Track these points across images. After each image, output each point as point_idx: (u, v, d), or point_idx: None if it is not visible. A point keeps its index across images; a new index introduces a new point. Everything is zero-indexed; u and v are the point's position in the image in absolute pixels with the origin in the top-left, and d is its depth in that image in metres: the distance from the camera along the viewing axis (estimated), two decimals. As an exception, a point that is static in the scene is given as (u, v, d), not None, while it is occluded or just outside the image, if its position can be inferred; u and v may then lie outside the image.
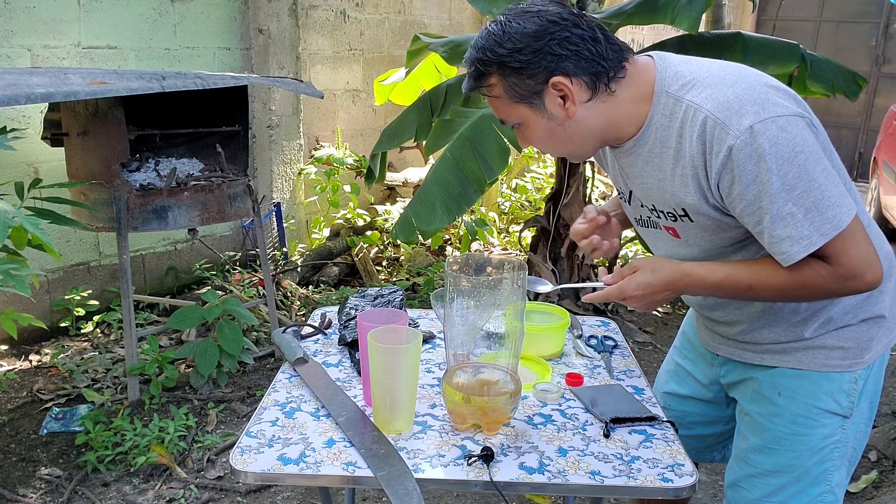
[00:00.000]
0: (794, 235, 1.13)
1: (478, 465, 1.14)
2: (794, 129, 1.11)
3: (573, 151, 1.31)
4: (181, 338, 3.39)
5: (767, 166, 1.10)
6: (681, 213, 1.26)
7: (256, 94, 4.16)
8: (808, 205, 1.11)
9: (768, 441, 1.36)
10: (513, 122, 1.27)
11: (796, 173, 1.10)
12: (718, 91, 1.15)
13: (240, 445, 1.20)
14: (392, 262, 4.67)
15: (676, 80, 1.20)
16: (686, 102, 1.18)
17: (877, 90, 8.30)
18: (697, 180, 1.19)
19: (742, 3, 8.55)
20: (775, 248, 1.15)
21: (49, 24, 3.28)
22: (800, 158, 1.10)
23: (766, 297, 1.25)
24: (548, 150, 1.31)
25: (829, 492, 1.35)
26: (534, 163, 5.92)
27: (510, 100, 1.23)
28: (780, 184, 1.10)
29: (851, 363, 1.31)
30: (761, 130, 1.10)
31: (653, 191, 1.29)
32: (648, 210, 1.34)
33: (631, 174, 1.32)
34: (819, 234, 1.12)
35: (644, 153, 1.26)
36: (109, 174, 2.71)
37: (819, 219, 1.11)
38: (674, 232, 1.32)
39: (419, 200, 2.91)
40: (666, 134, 1.21)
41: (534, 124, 1.25)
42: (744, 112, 1.11)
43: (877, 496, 2.43)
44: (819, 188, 1.11)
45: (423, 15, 5.54)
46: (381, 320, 1.35)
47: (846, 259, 1.15)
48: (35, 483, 2.38)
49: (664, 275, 1.27)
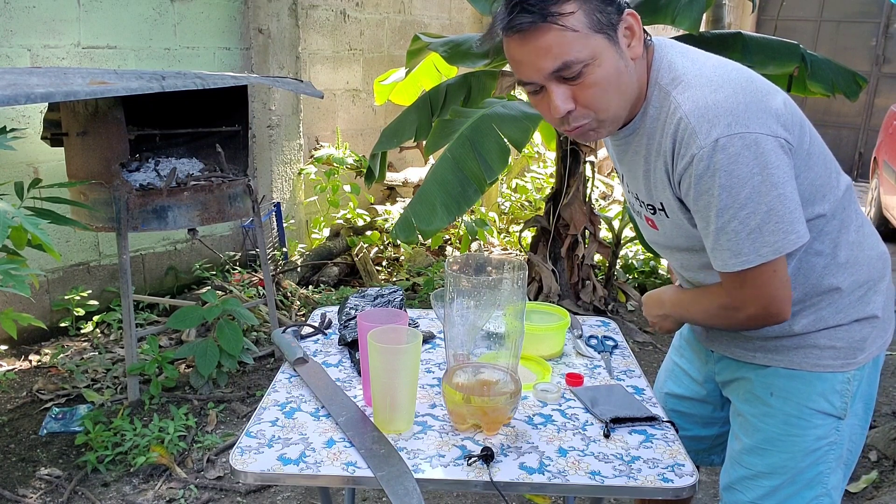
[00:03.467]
0: (733, 249, 1.14)
1: (478, 465, 1.14)
2: (759, 149, 1.09)
3: (618, 111, 1.19)
4: (181, 338, 3.39)
5: (719, 182, 1.10)
6: (659, 207, 1.27)
7: (256, 94, 4.16)
8: (752, 226, 1.12)
9: (761, 442, 1.35)
10: (583, 59, 1.11)
11: (748, 194, 1.10)
12: (700, 94, 1.13)
13: (240, 445, 1.20)
14: (392, 262, 4.67)
15: (668, 73, 1.19)
16: (671, 98, 1.17)
17: (877, 90, 8.30)
18: (667, 176, 1.20)
19: (742, 3, 8.55)
20: (715, 254, 1.18)
21: (49, 23, 3.28)
22: (755, 180, 1.10)
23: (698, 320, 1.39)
24: (605, 98, 1.16)
25: (825, 494, 1.34)
26: (534, 163, 5.92)
27: (590, 29, 1.10)
28: (729, 201, 1.11)
29: (844, 363, 1.29)
30: (725, 145, 1.09)
31: (639, 181, 1.29)
32: (634, 197, 1.35)
33: (622, 161, 1.33)
34: (757, 254, 1.13)
35: (633, 142, 1.26)
36: (109, 174, 2.70)
37: (760, 241, 1.12)
38: (652, 223, 1.33)
39: (419, 200, 2.91)
40: (653, 126, 1.21)
41: (609, 59, 1.13)
42: (715, 122, 1.10)
43: (877, 496, 2.42)
44: (768, 212, 1.11)
45: (423, 15, 5.54)
46: (381, 320, 1.35)
47: (752, 287, 1.18)
48: (35, 483, 2.38)
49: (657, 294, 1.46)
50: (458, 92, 3.35)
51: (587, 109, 1.17)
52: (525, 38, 1.12)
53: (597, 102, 1.16)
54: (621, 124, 1.24)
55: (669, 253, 1.39)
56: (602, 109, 1.17)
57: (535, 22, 1.09)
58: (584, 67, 1.12)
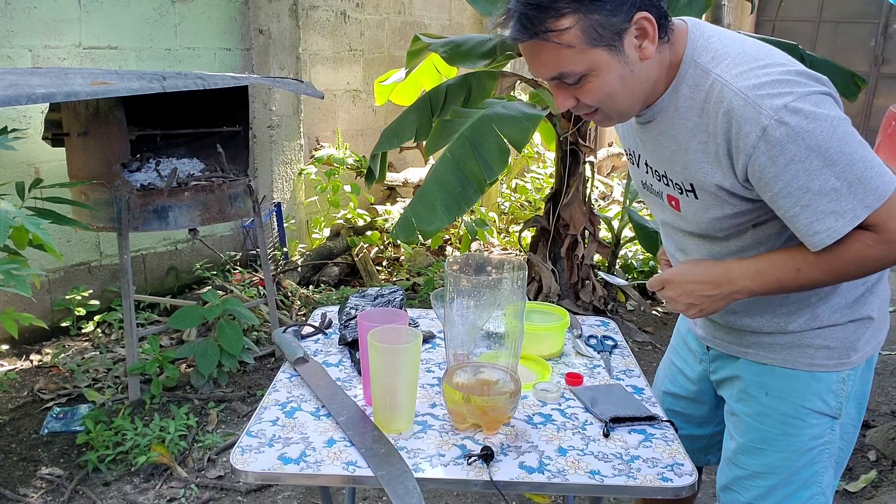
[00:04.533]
0: (838, 210, 1.09)
1: (478, 464, 1.15)
2: (827, 104, 1.09)
3: (629, 108, 1.19)
4: (182, 337, 3.39)
5: (806, 144, 1.07)
6: (688, 188, 1.24)
7: (257, 95, 4.17)
8: (851, 178, 1.08)
9: (756, 441, 1.35)
10: (579, 72, 1.12)
11: (837, 147, 1.08)
12: (749, 69, 1.11)
13: (240, 445, 1.21)
14: (392, 262, 4.67)
15: (707, 51, 1.16)
16: (714, 76, 1.13)
17: (876, 90, 8.30)
18: (717, 158, 1.16)
19: (741, 4, 8.55)
20: (817, 225, 1.11)
21: (50, 24, 3.28)
22: (838, 133, 1.08)
23: (814, 278, 1.18)
24: (607, 101, 1.16)
25: (821, 493, 1.34)
26: (534, 163, 5.92)
27: (587, 44, 1.09)
28: (820, 161, 1.07)
29: (838, 363, 1.30)
30: (797, 108, 1.07)
31: (664, 161, 1.26)
32: (658, 176, 1.31)
33: (645, 139, 1.29)
34: (863, 206, 1.09)
35: (663, 121, 1.22)
36: (110, 174, 2.71)
37: (863, 191, 1.09)
38: (676, 204, 1.29)
39: (419, 200, 2.91)
40: (688, 105, 1.18)
41: (609, 71, 1.12)
42: (775, 92, 1.08)
43: (876, 496, 2.43)
44: (861, 160, 1.09)
45: (423, 15, 5.55)
46: (382, 320, 1.35)
47: (893, 224, 1.11)
48: (36, 483, 2.38)
49: (706, 266, 1.26)
50: (458, 92, 3.36)
51: (589, 107, 1.19)
52: (524, 48, 1.14)
53: (598, 104, 1.18)
54: (638, 111, 1.22)
55: (682, 237, 1.35)
56: (606, 108, 1.19)
57: (530, 38, 1.10)
58: (582, 77, 1.13)
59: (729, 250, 1.28)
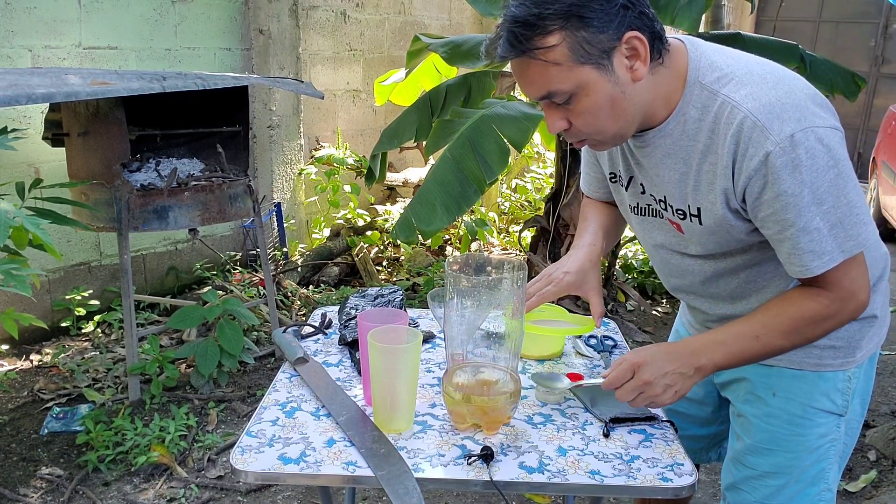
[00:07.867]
0: (816, 250, 1.10)
1: (478, 464, 1.15)
2: (830, 142, 1.07)
3: (620, 130, 1.16)
4: (182, 337, 3.39)
5: (801, 178, 1.06)
6: (693, 213, 1.22)
7: (257, 95, 4.17)
8: (834, 220, 1.09)
9: (765, 442, 1.36)
10: (567, 91, 1.09)
11: (827, 188, 1.07)
12: (759, 91, 1.09)
13: (240, 445, 1.21)
14: (392, 262, 4.67)
15: (711, 72, 1.14)
16: (722, 97, 1.11)
17: (876, 90, 8.31)
18: (722, 180, 1.14)
19: (741, 4, 8.55)
20: (795, 259, 1.13)
21: (50, 24, 3.28)
22: (832, 173, 1.07)
23: (775, 344, 1.18)
24: (597, 123, 1.14)
25: (827, 489, 1.36)
26: (534, 163, 5.92)
27: (574, 62, 1.06)
28: (810, 197, 1.07)
29: (843, 362, 1.31)
30: (801, 140, 1.05)
31: (669, 184, 1.23)
32: (655, 200, 1.29)
33: (646, 163, 1.26)
34: (841, 250, 1.10)
35: (667, 144, 1.19)
36: (110, 174, 2.71)
37: (843, 235, 1.09)
38: (678, 227, 1.28)
39: (419, 200, 2.92)
40: (696, 127, 1.15)
41: (597, 90, 1.09)
42: (785, 118, 1.06)
43: (876, 495, 2.43)
44: (847, 204, 1.09)
45: (423, 15, 5.55)
46: (382, 320, 1.35)
47: (847, 282, 1.13)
48: (36, 483, 2.38)
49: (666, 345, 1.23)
50: (458, 92, 3.36)
51: (581, 131, 1.17)
52: (513, 68, 1.13)
53: (589, 127, 1.15)
54: (633, 134, 1.21)
55: (682, 258, 1.33)
56: (596, 132, 1.16)
57: (517, 55, 1.09)
58: (571, 96, 1.11)
59: (736, 265, 1.28)
